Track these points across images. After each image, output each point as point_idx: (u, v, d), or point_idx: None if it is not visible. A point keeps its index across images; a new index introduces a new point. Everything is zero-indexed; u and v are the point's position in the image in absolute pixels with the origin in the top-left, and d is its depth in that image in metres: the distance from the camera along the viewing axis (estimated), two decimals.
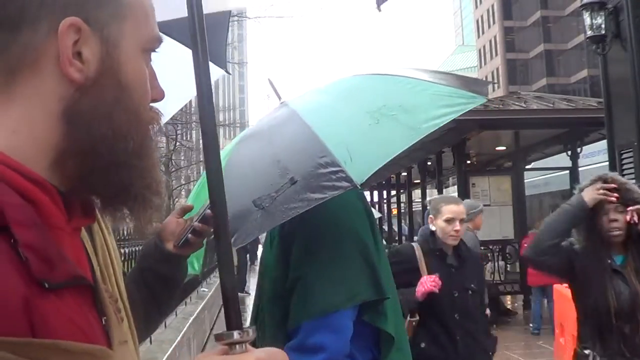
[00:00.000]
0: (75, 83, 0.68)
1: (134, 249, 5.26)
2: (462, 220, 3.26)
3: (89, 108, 0.69)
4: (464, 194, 9.55)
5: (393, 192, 19.42)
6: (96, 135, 0.69)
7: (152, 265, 1.35)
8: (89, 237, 0.82)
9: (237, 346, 0.69)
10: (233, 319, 0.71)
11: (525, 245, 8.60)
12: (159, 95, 0.79)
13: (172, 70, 1.32)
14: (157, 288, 1.34)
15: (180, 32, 1.63)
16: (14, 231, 0.59)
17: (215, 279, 13.55)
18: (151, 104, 0.79)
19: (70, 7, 0.68)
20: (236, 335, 0.69)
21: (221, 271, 0.74)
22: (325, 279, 1.65)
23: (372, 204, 18.34)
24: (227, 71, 1.84)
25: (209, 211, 1.47)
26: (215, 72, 1.83)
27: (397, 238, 19.44)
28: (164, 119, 1.02)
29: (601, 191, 2.69)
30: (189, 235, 1.42)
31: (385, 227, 19.27)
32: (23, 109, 0.67)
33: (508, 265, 10.77)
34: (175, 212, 1.42)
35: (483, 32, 69.11)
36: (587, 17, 6.78)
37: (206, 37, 0.81)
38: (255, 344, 0.75)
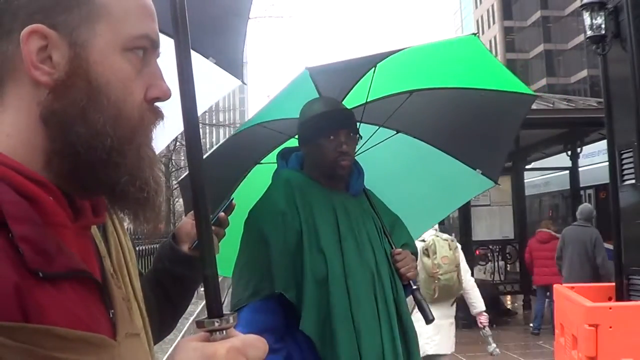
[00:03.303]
0: (46, 86, 0.71)
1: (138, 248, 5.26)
2: None
3: (61, 108, 0.71)
4: None
5: None
6: (71, 134, 0.71)
7: (167, 267, 1.35)
8: (102, 239, 0.84)
9: (218, 333, 0.71)
10: (214, 307, 0.73)
11: (532, 243, 8.63)
12: (162, 94, 0.77)
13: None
14: (172, 289, 1.34)
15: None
16: (10, 226, 0.62)
17: None
18: (156, 104, 0.78)
19: (37, 15, 0.70)
20: (216, 322, 0.71)
21: (203, 261, 0.75)
22: (237, 279, 1.93)
23: None
24: (243, 81, 1.77)
25: (222, 214, 1.47)
26: (231, 82, 1.74)
27: None
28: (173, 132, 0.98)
29: None
30: None
31: None
32: (13, 114, 0.71)
33: (508, 265, 10.76)
34: (190, 214, 1.42)
35: (483, 32, 68.98)
36: (587, 17, 6.77)
37: (187, 23, 0.75)
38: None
